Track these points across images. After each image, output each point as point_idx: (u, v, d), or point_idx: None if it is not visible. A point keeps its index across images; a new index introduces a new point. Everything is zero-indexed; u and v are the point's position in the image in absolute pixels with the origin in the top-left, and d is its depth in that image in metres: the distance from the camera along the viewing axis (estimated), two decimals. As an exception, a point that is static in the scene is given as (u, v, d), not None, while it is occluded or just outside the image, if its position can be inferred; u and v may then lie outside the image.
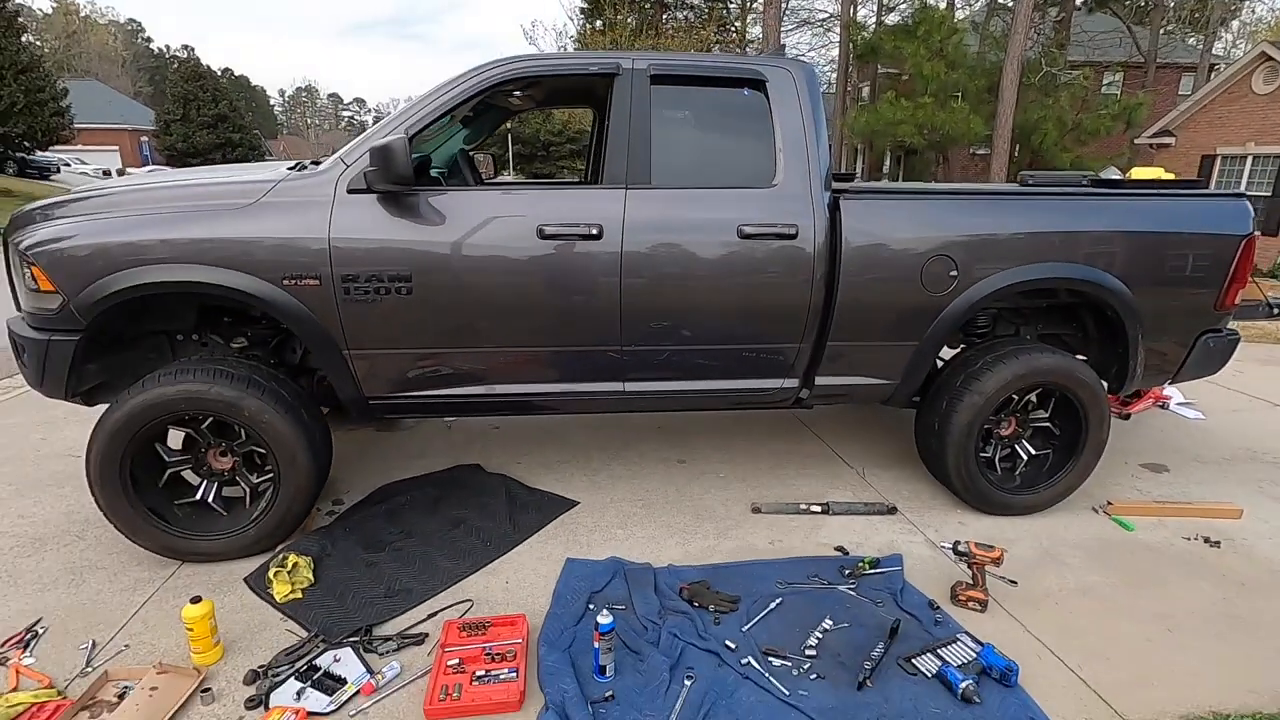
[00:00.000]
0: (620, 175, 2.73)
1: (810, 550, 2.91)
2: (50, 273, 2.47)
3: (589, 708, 1.98)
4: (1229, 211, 3.09)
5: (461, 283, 2.65)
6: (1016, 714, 2.02)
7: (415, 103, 2.73)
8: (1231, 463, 3.91)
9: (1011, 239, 2.90)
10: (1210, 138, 16.03)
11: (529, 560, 2.80)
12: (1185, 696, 2.13)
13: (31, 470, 3.60)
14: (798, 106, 2.83)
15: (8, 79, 18.55)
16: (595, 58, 2.84)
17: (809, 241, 2.79)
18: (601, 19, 25.17)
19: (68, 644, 2.29)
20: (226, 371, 2.59)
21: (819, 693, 2.09)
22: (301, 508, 2.77)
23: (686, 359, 2.91)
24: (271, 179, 2.63)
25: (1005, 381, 2.98)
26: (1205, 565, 2.86)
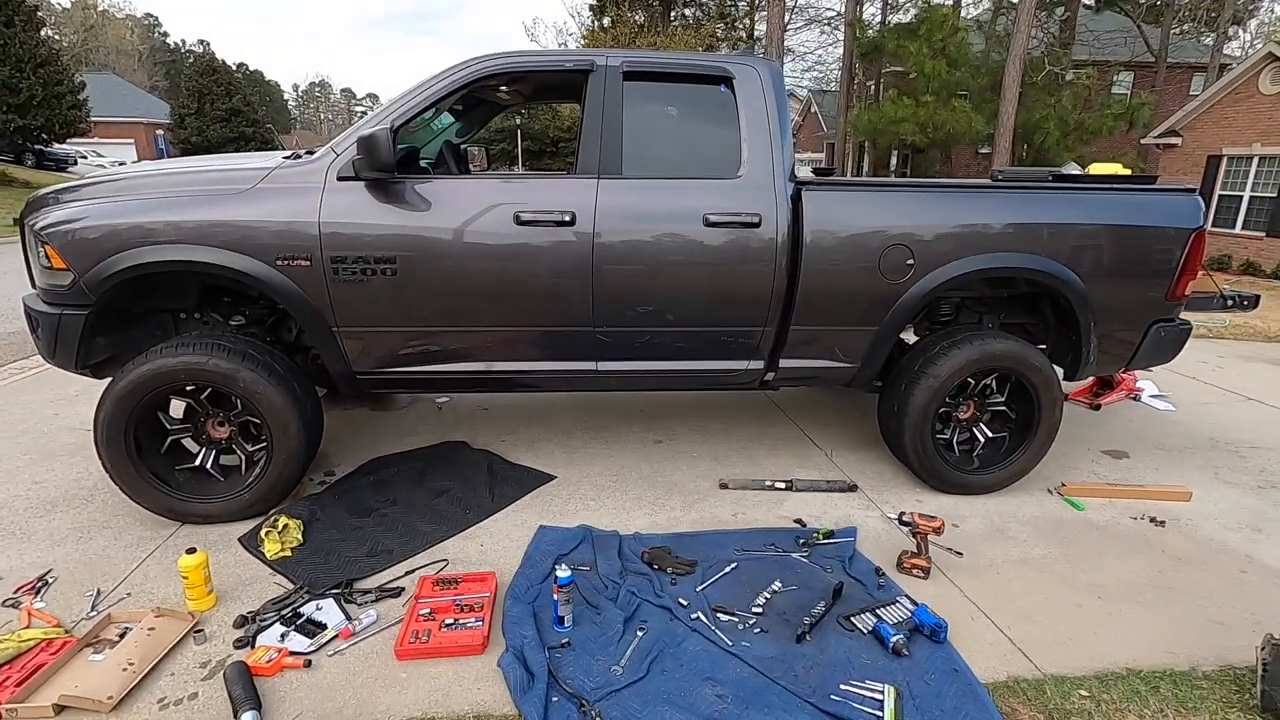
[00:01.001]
0: (593, 165, 2.91)
1: (771, 522, 3.07)
2: (62, 252, 2.67)
3: (545, 652, 2.16)
4: (1181, 206, 3.22)
5: (443, 265, 2.83)
6: (942, 666, 2.19)
7: (401, 96, 2.92)
8: (1192, 451, 4.04)
9: (966, 230, 3.05)
10: (1216, 138, 15.96)
11: (504, 527, 2.98)
12: (1104, 654, 2.29)
13: (45, 442, 3.82)
14: (763, 102, 3.00)
15: (27, 72, 18.92)
16: (571, 55, 3.02)
17: (772, 229, 2.95)
18: (609, 16, 25.30)
19: (75, 592, 2.49)
20: (224, 345, 2.79)
21: (760, 645, 2.26)
22: (293, 474, 2.96)
23: (656, 340, 3.08)
24: (267, 166, 2.82)
25: (959, 365, 3.13)
26: (1146, 542, 3.01)
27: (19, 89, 18.84)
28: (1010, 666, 2.22)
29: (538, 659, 2.10)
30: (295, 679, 2.08)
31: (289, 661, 2.12)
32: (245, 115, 35.30)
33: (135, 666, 2.07)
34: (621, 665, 2.14)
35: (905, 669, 2.17)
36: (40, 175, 24.00)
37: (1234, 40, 31.84)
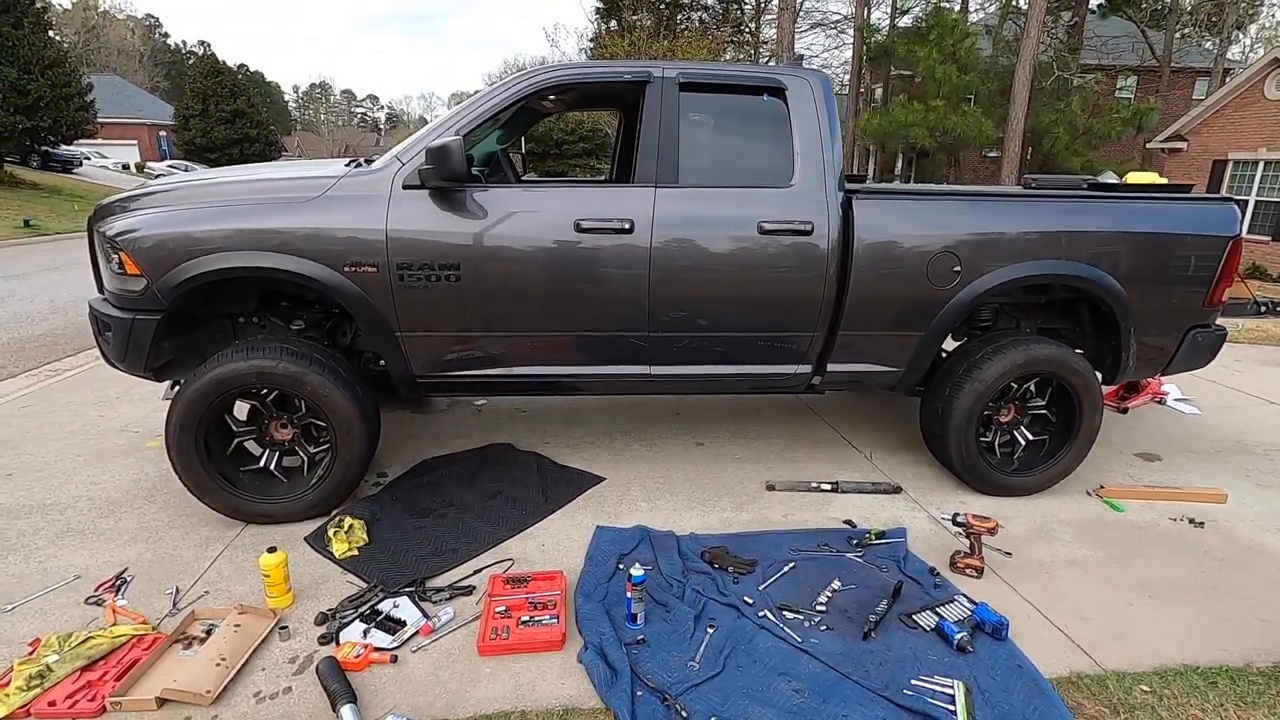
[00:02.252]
0: (650, 175, 2.98)
1: (821, 523, 3.14)
2: (137, 257, 2.73)
3: (623, 648, 2.22)
4: (1217, 214, 3.30)
5: (505, 271, 2.90)
6: (1006, 662, 2.25)
7: (464, 106, 2.99)
8: (1222, 453, 4.11)
9: (1012, 238, 3.13)
10: (1222, 143, 16.09)
11: (562, 527, 3.05)
12: (1159, 651, 2.36)
13: (95, 443, 3.88)
14: (814, 113, 3.07)
15: (35, 74, 18.91)
16: (629, 66, 3.08)
17: (823, 238, 3.02)
18: (618, 20, 25.40)
19: (153, 590, 2.55)
20: (292, 350, 2.85)
21: (828, 641, 2.33)
22: (356, 475, 3.03)
23: (708, 345, 3.15)
24: (334, 175, 2.89)
25: (1004, 370, 3.20)
26: (1187, 543, 3.08)
27: (27, 90, 18.84)
28: (1071, 662, 2.29)
29: (618, 655, 2.17)
30: (384, 674, 2.15)
31: (375, 657, 2.18)
32: (249, 116, 35.34)
33: (227, 662, 2.14)
34: (697, 661, 2.20)
35: (970, 665, 2.24)
36: (46, 176, 24.05)
37: (1235, 45, 31.98)
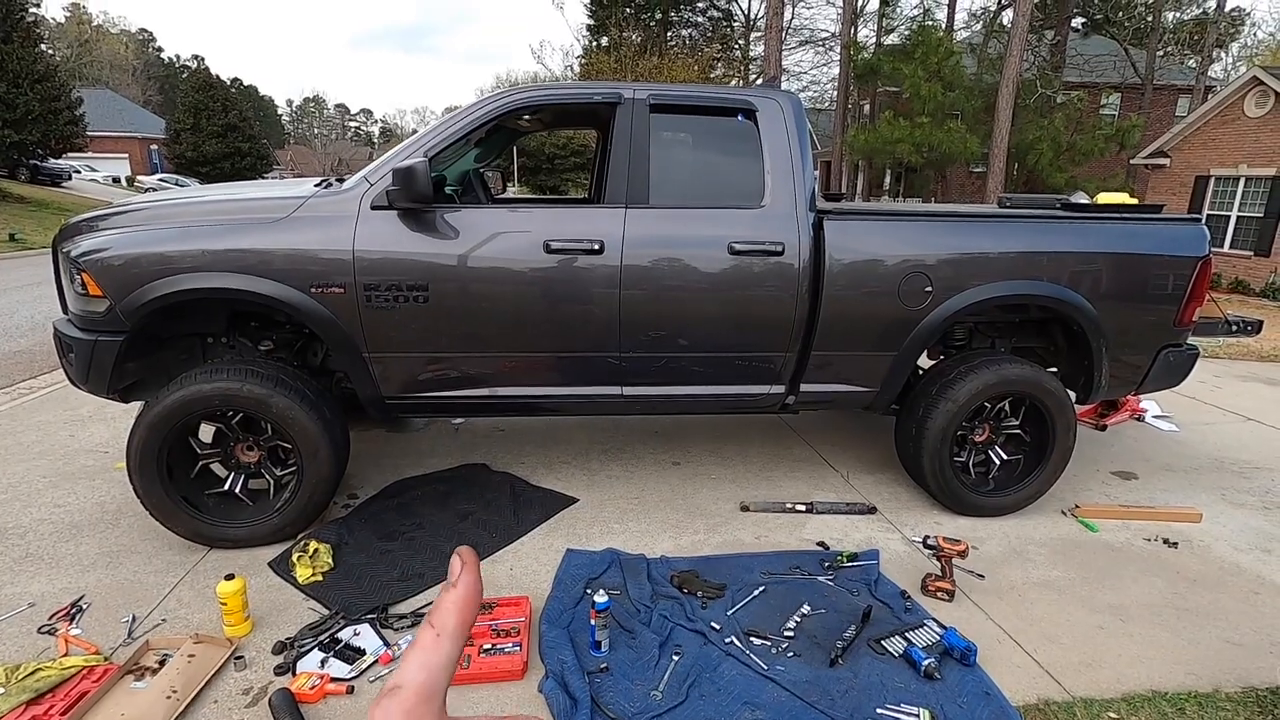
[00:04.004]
0: (620, 195, 2.98)
1: (794, 545, 3.12)
2: (99, 279, 2.70)
3: (585, 677, 2.18)
4: (1187, 235, 3.32)
5: (474, 292, 2.88)
6: (973, 689, 2.23)
7: (434, 127, 2.98)
8: (1199, 471, 4.12)
9: (982, 258, 3.14)
10: (1204, 159, 16.29)
11: (532, 550, 3.01)
12: (1129, 676, 2.34)
13: (62, 464, 3.82)
14: (785, 134, 3.08)
15: (25, 87, 18.88)
16: (599, 88, 3.09)
17: (795, 258, 3.02)
18: (607, 37, 25.63)
19: (109, 618, 2.50)
20: (257, 371, 2.82)
21: (794, 668, 2.29)
22: (322, 498, 2.99)
23: (681, 365, 3.13)
24: (301, 195, 2.87)
25: (976, 390, 3.20)
26: (1161, 563, 3.07)
27: (16, 104, 18.81)
28: (1039, 689, 2.27)
29: (579, 684, 2.13)
30: (339, 705, 2.10)
31: (332, 688, 2.14)
32: (241, 130, 35.32)
33: (179, 694, 2.09)
34: (660, 690, 2.17)
35: (937, 692, 2.21)
36: (35, 190, 23.92)
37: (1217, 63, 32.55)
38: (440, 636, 0.31)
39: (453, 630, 0.31)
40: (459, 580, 0.33)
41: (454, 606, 0.32)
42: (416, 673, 0.30)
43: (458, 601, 0.32)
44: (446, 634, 0.31)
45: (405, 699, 0.30)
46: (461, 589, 0.33)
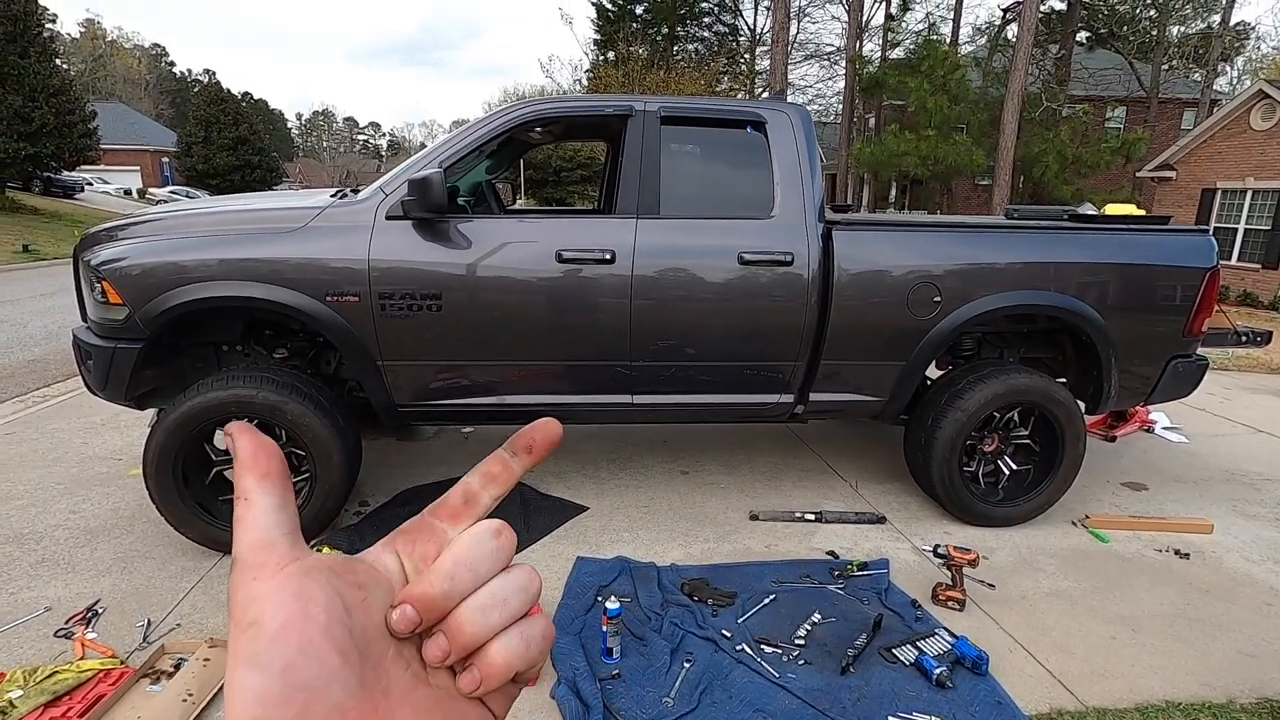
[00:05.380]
0: (631, 206, 3.01)
1: (803, 554, 3.12)
2: (119, 287, 2.75)
3: (597, 683, 2.19)
4: (1195, 246, 3.33)
5: (486, 301, 2.92)
6: (985, 698, 2.23)
7: (448, 138, 3.03)
8: (1209, 483, 4.10)
9: (991, 268, 3.16)
10: (1210, 172, 16.30)
11: (542, 558, 3.02)
12: (1142, 687, 2.33)
13: (77, 471, 3.86)
14: (794, 145, 3.12)
15: (40, 101, 19.18)
16: (611, 100, 3.14)
17: (804, 268, 3.05)
18: (614, 51, 25.86)
19: (125, 622, 2.52)
20: (272, 379, 2.85)
21: (806, 676, 2.30)
22: (335, 505, 3.01)
23: (691, 374, 3.15)
24: (318, 205, 2.92)
25: (986, 400, 3.21)
26: (1173, 574, 3.06)
27: (31, 118, 19.08)
28: (1052, 698, 2.26)
29: (591, 690, 2.14)
30: (353, 710, 2.11)
31: (345, 692, 2.15)
32: (251, 143, 35.70)
33: (194, 698, 2.10)
34: (672, 697, 2.17)
35: (949, 701, 2.21)
36: (48, 202, 24.23)
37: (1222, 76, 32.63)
38: (247, 499, 0.30)
39: (255, 487, 0.30)
40: (235, 448, 0.31)
41: (244, 469, 0.30)
42: (242, 538, 0.29)
43: (245, 463, 0.30)
44: (251, 493, 0.30)
45: (240, 564, 0.29)
46: (242, 451, 0.31)
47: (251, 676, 0.26)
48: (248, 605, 0.27)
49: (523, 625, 0.32)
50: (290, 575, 0.28)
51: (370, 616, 0.29)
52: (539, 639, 0.32)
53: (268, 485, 0.30)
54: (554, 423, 0.37)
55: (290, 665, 0.26)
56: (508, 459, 0.36)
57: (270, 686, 0.25)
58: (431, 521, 0.34)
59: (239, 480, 0.30)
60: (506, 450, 0.36)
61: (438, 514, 0.34)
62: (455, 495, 0.35)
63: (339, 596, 0.28)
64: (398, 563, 0.33)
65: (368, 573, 0.31)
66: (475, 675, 0.31)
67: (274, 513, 0.30)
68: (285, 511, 0.30)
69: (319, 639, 0.27)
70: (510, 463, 0.36)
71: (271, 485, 0.30)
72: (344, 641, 0.28)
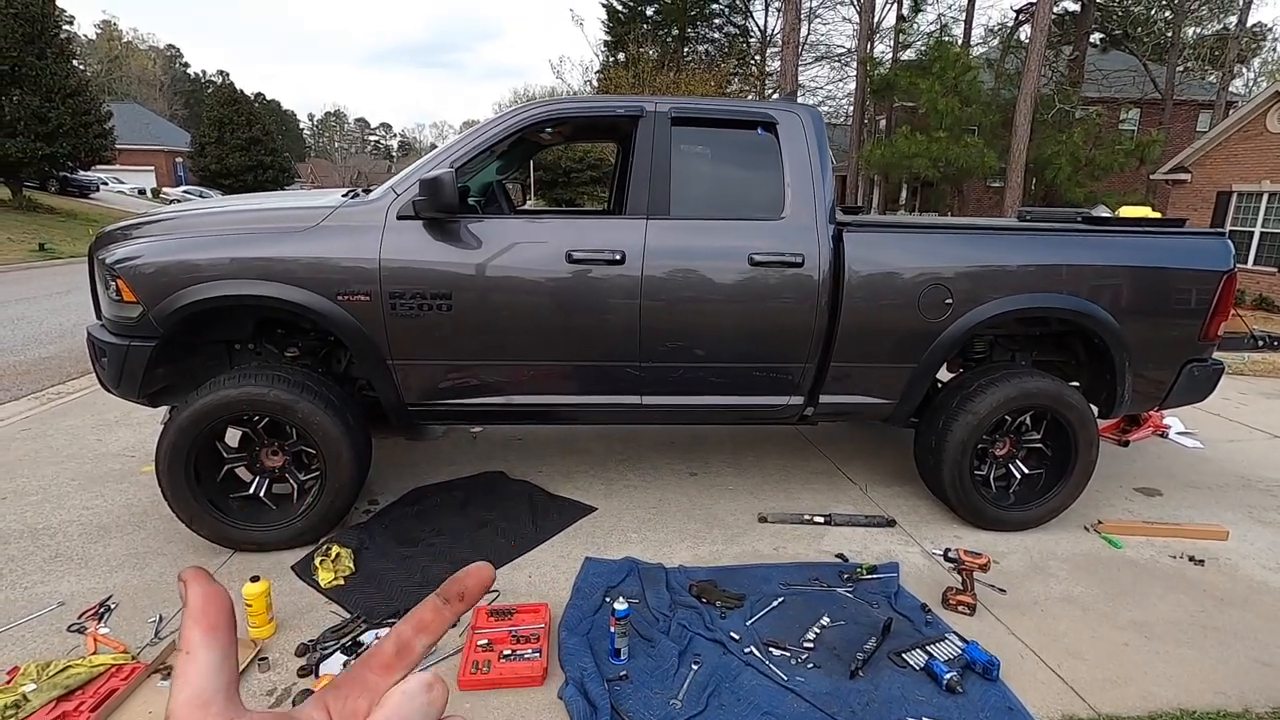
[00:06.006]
0: (642, 206, 3.01)
1: (812, 557, 3.11)
2: (133, 285, 2.77)
3: (605, 684, 2.19)
4: (1211, 249, 3.29)
5: (496, 301, 2.92)
6: (996, 704, 2.21)
7: (460, 139, 3.04)
8: (1224, 489, 4.05)
9: (1003, 271, 3.13)
10: (1226, 175, 16.13)
11: (550, 558, 3.03)
12: (1156, 694, 2.30)
13: (91, 467, 3.90)
14: (805, 146, 3.11)
15: (56, 102, 19.40)
16: (622, 101, 3.14)
17: (814, 269, 3.03)
18: (624, 52, 25.89)
19: (137, 618, 2.54)
20: (283, 377, 2.87)
21: (814, 679, 2.28)
22: (344, 503, 3.02)
23: (700, 375, 3.15)
24: (330, 205, 2.94)
25: (997, 403, 3.18)
26: (1187, 581, 3.02)
27: (48, 118, 19.30)
28: (1064, 705, 2.24)
29: (599, 691, 2.14)
30: (361, 708, 2.12)
31: (354, 690, 2.15)
32: (264, 144, 35.95)
33: (204, 693, 2.11)
34: (680, 699, 2.17)
35: (960, 707, 2.19)
36: (64, 201, 24.50)
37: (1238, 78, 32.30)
38: (189, 653, 0.31)
39: (200, 641, 0.31)
40: (186, 596, 0.32)
41: (191, 621, 0.32)
42: (178, 693, 0.30)
43: (193, 614, 0.32)
44: (195, 647, 0.31)
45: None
46: (192, 602, 0.32)
47: None
48: None
49: None
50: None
51: None
52: None
53: (211, 639, 0.31)
54: (486, 568, 0.37)
55: None
56: (440, 606, 0.36)
57: None
58: (364, 674, 0.34)
59: (184, 630, 0.31)
60: (439, 597, 0.36)
61: (370, 666, 0.35)
62: (388, 645, 0.35)
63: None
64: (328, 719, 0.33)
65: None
66: None
67: (214, 670, 0.31)
68: (226, 667, 0.31)
69: None
70: (443, 610, 0.36)
71: (216, 639, 0.31)
72: None
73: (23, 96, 18.73)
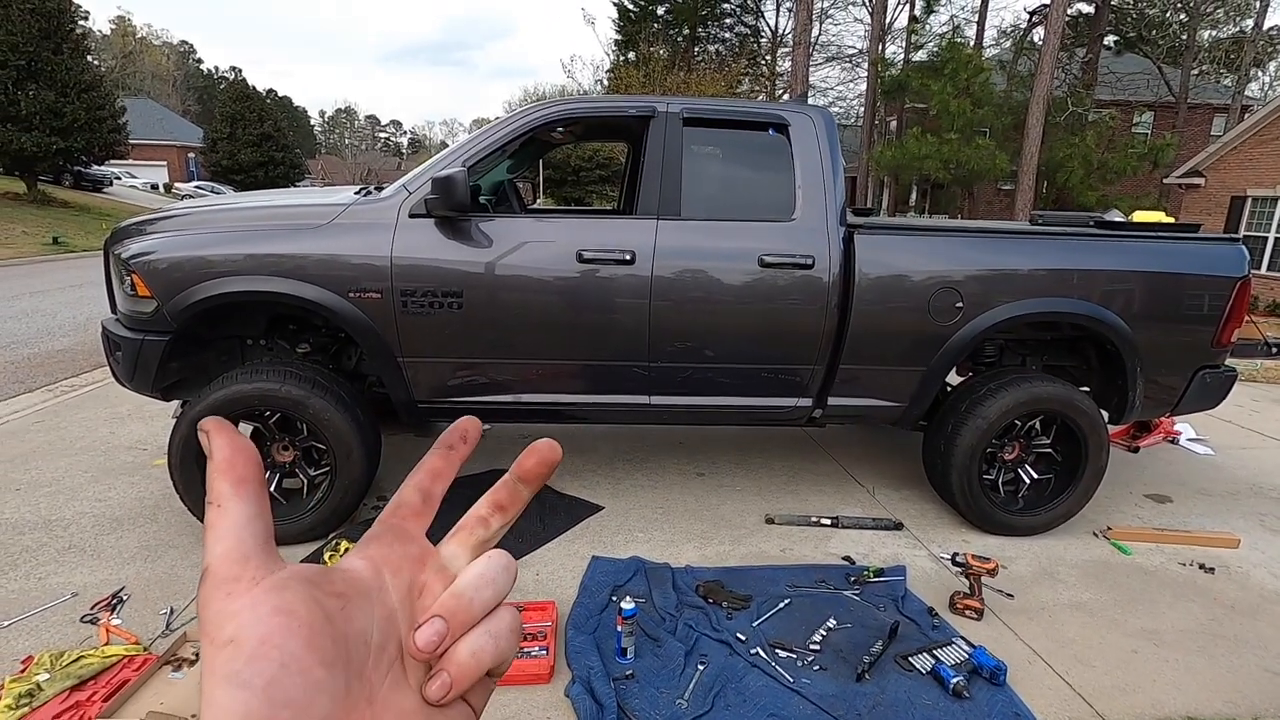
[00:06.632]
0: (652, 207, 3.02)
1: (819, 559, 3.10)
2: (148, 280, 2.80)
3: (611, 683, 2.20)
4: (1225, 255, 3.27)
5: (507, 300, 2.93)
6: (1003, 710, 2.20)
7: (472, 138, 3.05)
8: (1235, 496, 4.03)
9: (1014, 274, 3.12)
10: (1241, 179, 15.99)
11: (558, 556, 3.04)
12: (1164, 702, 2.29)
13: (103, 460, 3.94)
14: (816, 148, 3.10)
15: (71, 97, 19.58)
16: (634, 101, 3.14)
17: (825, 271, 3.03)
18: (635, 51, 25.88)
19: (148, 609, 2.57)
20: (295, 373, 2.89)
21: (821, 682, 2.28)
22: (354, 499, 3.04)
23: (708, 376, 3.15)
24: (342, 202, 2.95)
25: (1007, 408, 3.17)
26: (1197, 589, 3.00)
27: (63, 113, 19.47)
28: (1071, 712, 2.23)
29: (605, 690, 2.15)
30: (369, 703, 2.13)
31: (362, 685, 2.17)
32: (275, 140, 36.16)
33: (215, 686, 2.13)
34: (686, 698, 2.17)
35: (966, 711, 2.19)
36: (77, 195, 24.71)
37: (1254, 81, 31.98)
38: (220, 506, 0.29)
39: (229, 493, 0.29)
40: (210, 447, 0.30)
41: (218, 473, 0.29)
42: (214, 547, 0.28)
43: (219, 466, 0.29)
44: (225, 499, 0.29)
45: (213, 577, 0.27)
46: (217, 453, 0.30)
47: (233, 694, 0.25)
48: (223, 622, 0.26)
49: (489, 622, 0.32)
50: (267, 589, 0.27)
51: (351, 624, 0.29)
52: (507, 634, 0.32)
53: (244, 491, 0.29)
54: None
55: (273, 681, 0.25)
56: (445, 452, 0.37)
57: (253, 704, 0.25)
58: (398, 524, 0.34)
59: (212, 483, 0.29)
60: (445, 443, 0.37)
61: (400, 515, 0.35)
62: (412, 495, 0.35)
63: (319, 606, 0.28)
64: (373, 568, 0.32)
65: (345, 581, 0.30)
66: (445, 680, 0.30)
67: (249, 522, 0.29)
68: (260, 521, 0.30)
69: (302, 653, 0.26)
70: (449, 456, 0.37)
71: (248, 491, 0.29)
72: (327, 652, 0.27)
73: (38, 91, 18.90)
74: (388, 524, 0.34)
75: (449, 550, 0.34)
